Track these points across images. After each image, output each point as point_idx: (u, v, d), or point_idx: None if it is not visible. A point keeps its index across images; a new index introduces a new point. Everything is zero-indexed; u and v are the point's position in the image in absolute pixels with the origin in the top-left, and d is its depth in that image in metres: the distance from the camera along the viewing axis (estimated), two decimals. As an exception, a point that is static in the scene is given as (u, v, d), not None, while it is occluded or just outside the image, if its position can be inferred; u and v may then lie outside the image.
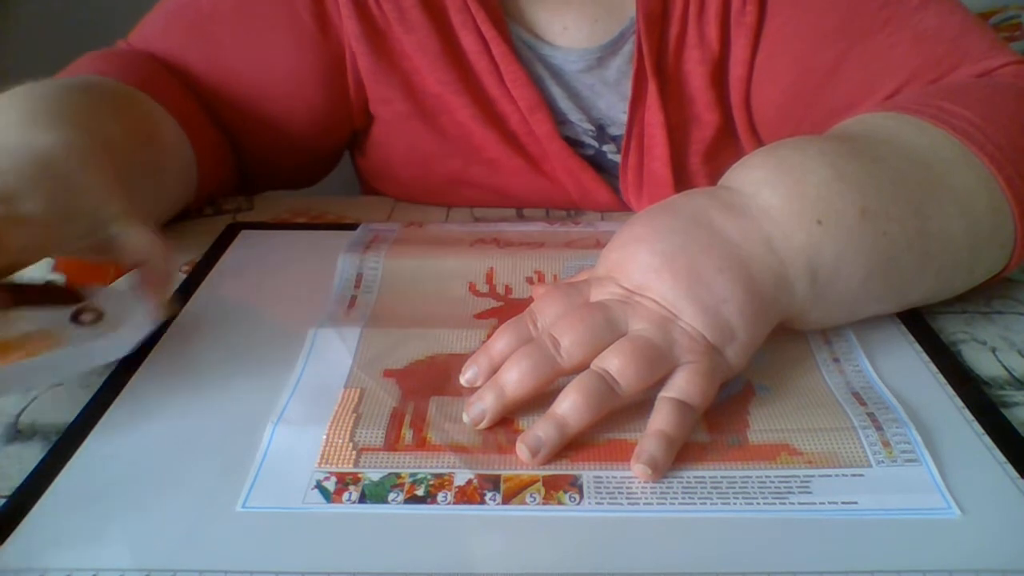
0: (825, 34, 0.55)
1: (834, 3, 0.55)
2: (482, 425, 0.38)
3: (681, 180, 0.61)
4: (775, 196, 0.40)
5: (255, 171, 0.67)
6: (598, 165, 0.64)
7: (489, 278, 0.51)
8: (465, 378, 0.41)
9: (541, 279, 0.51)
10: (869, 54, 0.54)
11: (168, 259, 0.43)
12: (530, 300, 0.43)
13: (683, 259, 0.39)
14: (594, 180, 0.63)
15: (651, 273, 0.39)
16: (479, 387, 0.40)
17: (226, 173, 0.64)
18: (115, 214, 0.42)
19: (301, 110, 0.62)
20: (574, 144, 0.63)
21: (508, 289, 0.50)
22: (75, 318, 0.40)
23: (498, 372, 0.39)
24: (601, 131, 0.63)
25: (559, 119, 0.62)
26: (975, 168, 0.43)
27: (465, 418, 0.38)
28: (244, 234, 0.58)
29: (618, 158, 0.63)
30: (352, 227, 0.58)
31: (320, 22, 0.59)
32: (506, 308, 0.48)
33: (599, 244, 0.55)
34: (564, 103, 0.62)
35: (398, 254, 0.53)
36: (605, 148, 0.64)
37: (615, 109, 0.62)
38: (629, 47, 0.60)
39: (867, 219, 0.40)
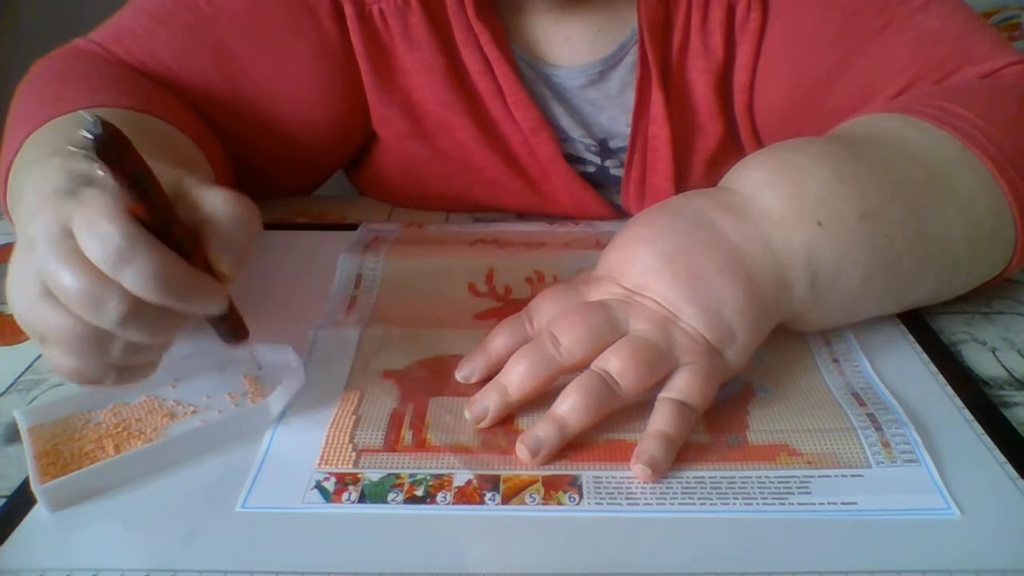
0: (826, 38, 0.55)
1: (835, 6, 0.55)
2: (484, 423, 0.38)
3: (683, 191, 0.61)
4: (775, 197, 0.40)
5: (253, 183, 0.65)
6: (600, 182, 0.63)
7: (489, 278, 0.51)
8: (461, 374, 0.41)
9: (541, 279, 0.51)
10: (871, 57, 0.53)
11: (248, 210, 0.35)
12: (530, 300, 0.43)
13: (683, 260, 0.39)
14: (595, 201, 0.62)
15: (651, 274, 0.39)
16: (475, 384, 0.40)
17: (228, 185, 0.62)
18: (185, 179, 0.37)
19: (322, 122, 0.60)
20: (576, 162, 0.63)
21: (508, 290, 0.50)
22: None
23: (500, 372, 0.39)
24: (603, 146, 0.62)
25: (561, 137, 0.61)
26: (976, 170, 0.43)
27: (468, 415, 0.38)
28: (244, 234, 0.58)
29: (620, 172, 0.62)
30: (352, 227, 0.58)
31: (341, 29, 0.57)
32: (506, 309, 0.48)
33: (599, 244, 0.55)
34: (566, 121, 0.61)
35: (398, 255, 0.53)
36: (607, 164, 0.63)
37: (618, 122, 0.61)
38: (631, 58, 0.59)
39: (867, 221, 0.40)
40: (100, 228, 0.30)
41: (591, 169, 0.63)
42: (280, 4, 0.56)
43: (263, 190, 0.66)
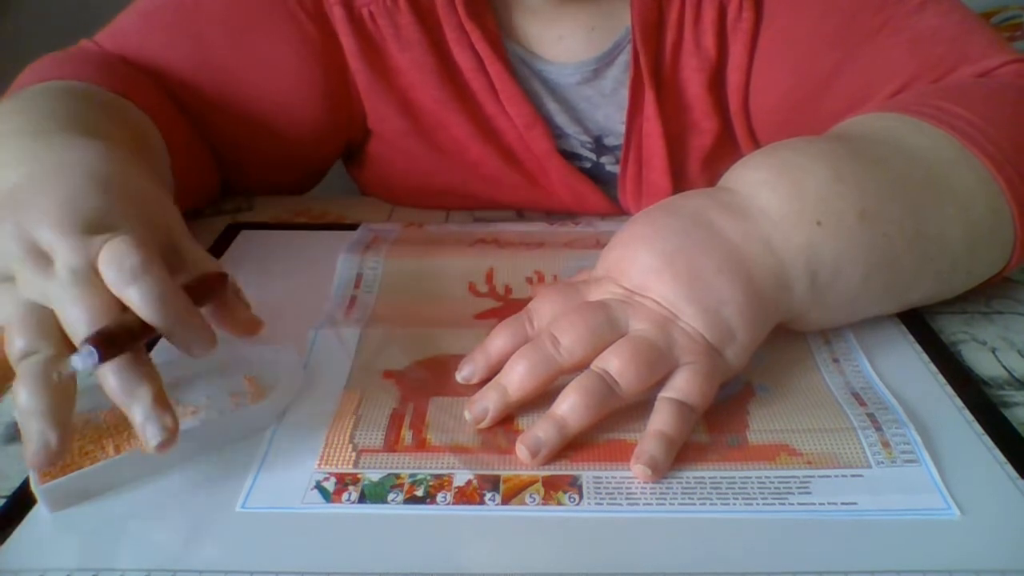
0: (822, 39, 0.55)
1: (831, 6, 0.55)
2: (484, 424, 0.38)
3: (680, 188, 0.61)
4: (775, 197, 0.40)
5: (238, 182, 0.66)
6: (596, 177, 0.63)
7: (489, 278, 0.51)
8: (462, 375, 0.41)
9: (541, 279, 0.51)
10: (867, 58, 0.53)
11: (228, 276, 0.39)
12: (530, 300, 0.43)
13: (683, 260, 0.39)
14: (594, 194, 0.62)
15: (651, 274, 0.39)
16: (476, 384, 0.40)
17: (203, 185, 0.62)
18: (179, 226, 0.39)
19: (303, 120, 0.61)
20: (571, 158, 0.63)
21: (508, 289, 0.50)
22: None
23: (500, 372, 0.39)
24: (599, 143, 0.62)
25: (556, 133, 0.61)
26: (975, 169, 0.43)
27: (467, 416, 0.38)
28: (244, 234, 0.58)
29: (616, 169, 0.63)
30: (352, 227, 0.58)
31: (322, 30, 0.58)
32: (506, 308, 0.48)
33: (599, 244, 0.55)
34: (561, 117, 0.61)
35: (398, 254, 0.54)
36: (603, 160, 0.63)
37: (612, 120, 0.61)
38: (625, 56, 0.59)
39: (866, 220, 0.40)
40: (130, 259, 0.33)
41: (587, 165, 0.63)
42: (257, 2, 0.57)
43: (257, 189, 0.67)
